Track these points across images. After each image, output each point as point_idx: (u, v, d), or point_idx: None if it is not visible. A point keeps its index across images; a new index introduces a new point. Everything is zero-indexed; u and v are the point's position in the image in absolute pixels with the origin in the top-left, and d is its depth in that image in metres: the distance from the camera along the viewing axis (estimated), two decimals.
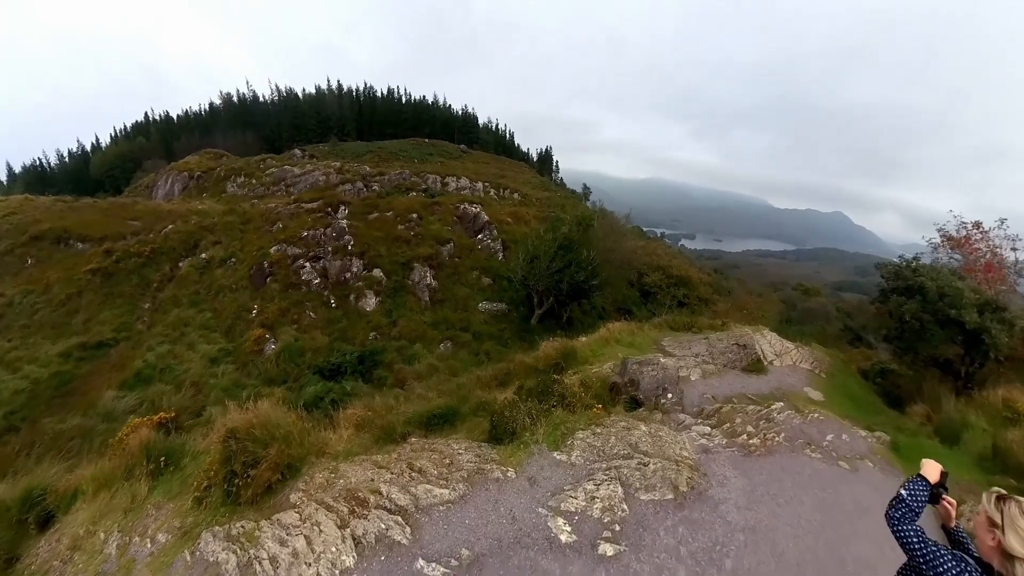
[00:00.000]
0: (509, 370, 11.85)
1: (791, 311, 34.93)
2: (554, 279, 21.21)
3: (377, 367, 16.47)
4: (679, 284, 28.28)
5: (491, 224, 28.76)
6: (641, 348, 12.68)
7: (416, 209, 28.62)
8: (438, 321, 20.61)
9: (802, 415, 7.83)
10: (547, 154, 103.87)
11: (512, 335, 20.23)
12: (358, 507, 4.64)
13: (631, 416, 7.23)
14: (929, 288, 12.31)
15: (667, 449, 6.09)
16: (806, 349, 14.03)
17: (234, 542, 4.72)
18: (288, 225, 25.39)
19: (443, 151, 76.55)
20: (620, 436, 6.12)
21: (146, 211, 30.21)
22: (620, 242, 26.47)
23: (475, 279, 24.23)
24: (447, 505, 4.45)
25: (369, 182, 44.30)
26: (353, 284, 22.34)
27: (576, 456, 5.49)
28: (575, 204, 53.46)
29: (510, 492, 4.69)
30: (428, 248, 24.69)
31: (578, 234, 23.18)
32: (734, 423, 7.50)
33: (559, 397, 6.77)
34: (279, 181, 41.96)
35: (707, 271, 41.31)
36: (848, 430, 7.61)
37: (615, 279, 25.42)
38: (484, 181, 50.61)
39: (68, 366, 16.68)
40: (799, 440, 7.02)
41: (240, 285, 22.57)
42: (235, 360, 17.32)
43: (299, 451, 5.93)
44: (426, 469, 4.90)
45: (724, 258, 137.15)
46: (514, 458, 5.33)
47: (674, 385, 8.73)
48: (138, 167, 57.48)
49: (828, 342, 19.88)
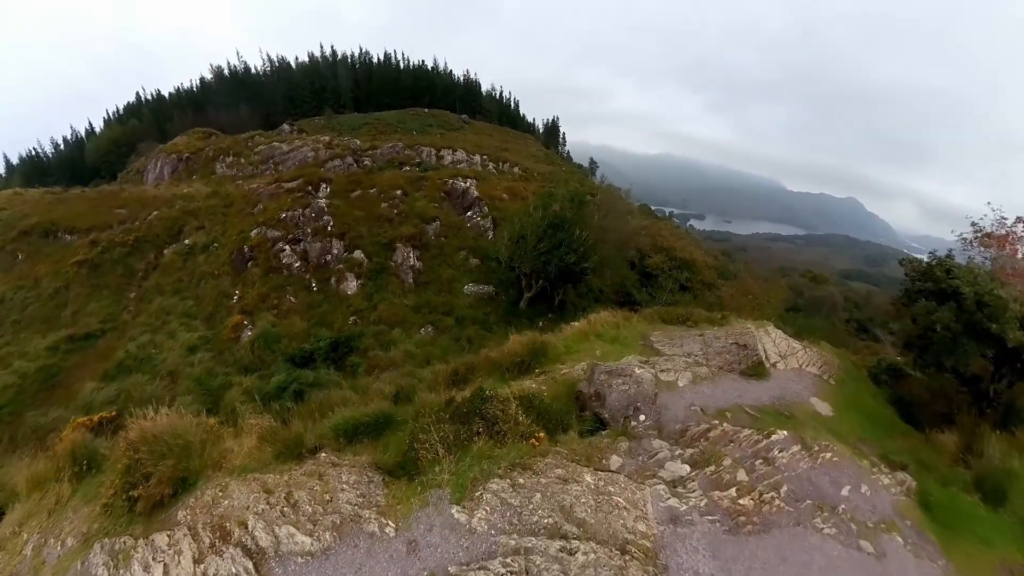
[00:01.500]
0: (473, 365, 11.61)
1: (798, 298, 34.65)
2: (540, 261, 20.44)
3: (351, 353, 16.66)
4: (682, 267, 27.55)
5: (481, 200, 28.16)
6: (625, 344, 11.93)
7: (401, 185, 28.19)
8: (420, 305, 20.61)
9: (810, 453, 6.57)
10: (554, 125, 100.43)
11: (498, 320, 20.12)
12: (220, 540, 4.67)
13: (576, 459, 5.84)
14: (966, 295, 10.67)
15: (614, 520, 4.72)
16: (814, 350, 12.75)
17: (113, 558, 4.88)
18: (268, 207, 25.40)
19: (443, 122, 74.70)
20: (551, 493, 4.81)
21: (132, 198, 30.57)
22: (618, 221, 25.43)
23: (462, 260, 23.97)
24: (306, 558, 4.16)
25: (360, 157, 43.76)
26: (334, 267, 22.41)
27: (480, 519, 4.36)
28: (580, 179, 52.04)
29: (381, 558, 4.04)
30: (412, 227, 24.43)
31: (571, 212, 22.31)
32: (720, 465, 6.15)
33: (487, 421, 5.85)
34: (268, 159, 41.79)
35: (714, 254, 40.60)
36: (867, 476, 6.47)
37: (614, 261, 24.65)
38: (483, 154, 49.39)
39: (55, 359, 17.39)
40: (807, 499, 5.68)
41: (222, 271, 22.89)
42: (213, 348, 17.75)
43: (197, 464, 6.00)
44: (301, 504, 4.77)
45: (733, 240, 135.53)
46: (403, 506, 4.62)
47: (649, 404, 7.55)
48: (132, 151, 57.90)
49: (837, 339, 19.00)
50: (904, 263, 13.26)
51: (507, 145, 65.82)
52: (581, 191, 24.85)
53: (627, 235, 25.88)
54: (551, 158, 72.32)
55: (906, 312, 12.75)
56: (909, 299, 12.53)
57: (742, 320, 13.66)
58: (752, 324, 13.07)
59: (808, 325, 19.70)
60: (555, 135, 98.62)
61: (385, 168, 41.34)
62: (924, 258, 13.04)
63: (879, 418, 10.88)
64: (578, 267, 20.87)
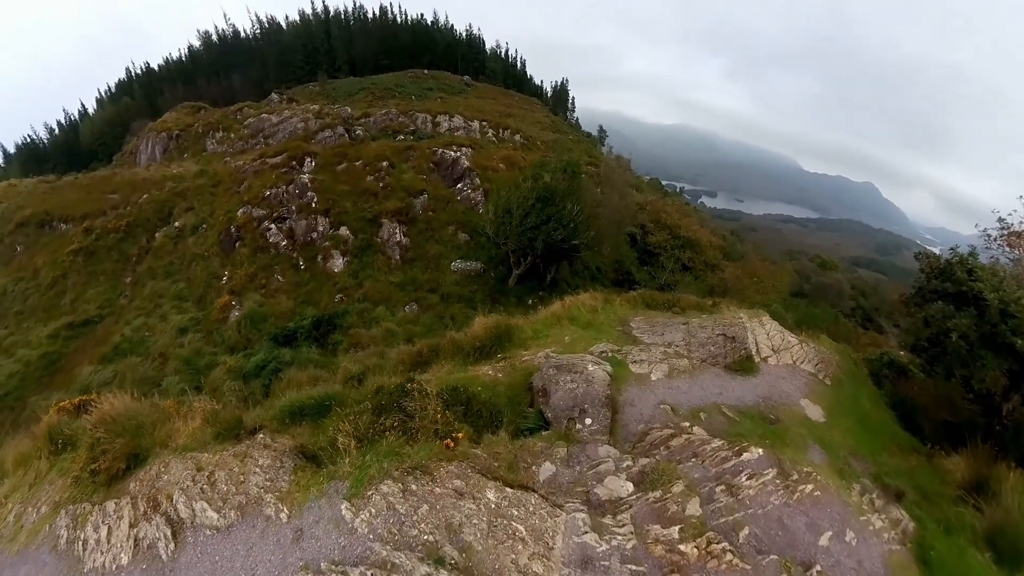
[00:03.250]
0: (438, 347, 11.94)
1: (804, 283, 34.70)
2: (527, 237, 19.87)
3: (334, 331, 17.39)
4: (686, 246, 27.16)
5: (473, 171, 27.94)
6: (601, 330, 11.62)
7: (388, 156, 28.21)
8: (406, 282, 21.11)
9: (787, 482, 5.74)
10: (562, 88, 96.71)
11: (484, 298, 20.36)
12: (151, 509, 5.34)
13: (490, 467, 5.38)
14: (990, 302, 9.83)
15: (505, 553, 4.12)
16: (811, 345, 12.12)
17: (73, 521, 5.68)
18: (253, 184, 25.89)
19: (444, 84, 72.99)
20: (440, 507, 4.46)
21: (124, 182, 31.53)
22: (617, 195, 24.84)
23: (450, 235, 24.17)
24: (213, 531, 4.70)
25: (352, 126, 43.49)
26: (320, 244, 22.98)
27: (363, 520, 4.34)
28: (588, 149, 50.64)
29: (270, 541, 4.39)
30: (398, 201, 24.63)
31: (563, 184, 21.62)
32: (670, 489, 5.37)
33: (405, 415, 5.86)
34: (257, 133, 42.00)
35: (722, 233, 40.16)
36: (854, 518, 5.65)
37: (613, 237, 24.15)
38: (483, 120, 48.31)
39: (56, 346, 18.72)
40: (772, 551, 4.83)
41: (211, 252, 23.76)
42: (202, 329, 18.77)
43: (148, 442, 6.73)
44: (218, 483, 5.35)
45: (744, 220, 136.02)
46: (302, 494, 4.86)
47: (599, 407, 7.00)
48: (127, 131, 58.84)
49: (840, 332, 18.41)
50: (920, 257, 12.45)
51: (511, 110, 64.21)
52: (574, 160, 23.99)
53: (625, 210, 25.34)
54: (558, 125, 70.35)
55: (917, 312, 11.92)
56: (922, 298, 11.72)
57: (734, 308, 13.20)
58: (745, 313, 12.70)
59: (810, 314, 19.34)
60: (563, 99, 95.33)
61: (379, 137, 41.13)
62: (943, 253, 12.14)
63: (877, 427, 10.22)
64: (567, 244, 20.26)
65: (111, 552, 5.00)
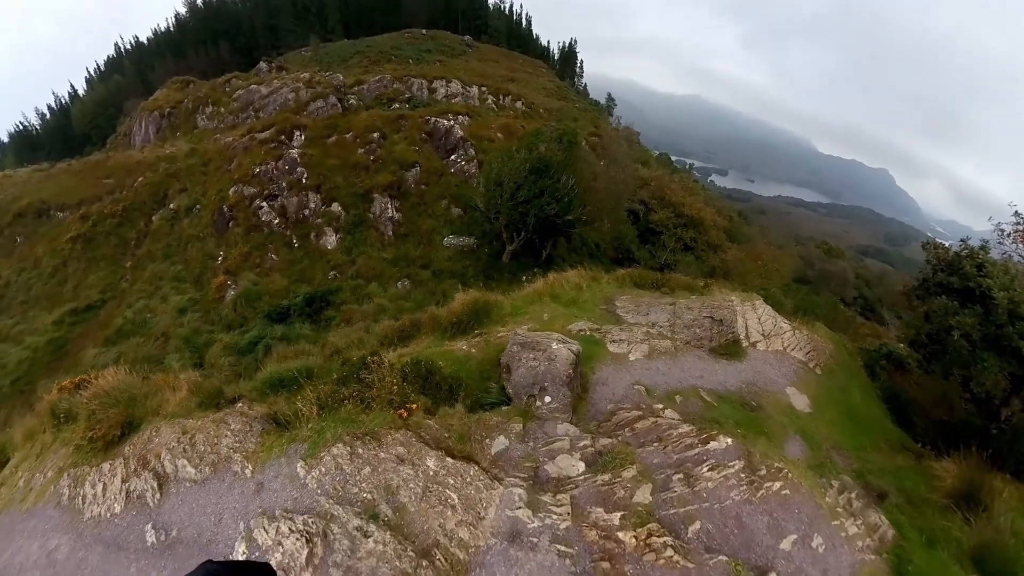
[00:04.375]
0: (419, 322, 12.69)
1: (808, 269, 35.70)
2: (518, 211, 19.84)
3: (327, 308, 18.36)
4: (688, 225, 27.12)
5: (467, 141, 28.08)
6: (583, 308, 11.84)
7: (378, 127, 28.52)
8: (398, 258, 21.85)
9: (753, 477, 5.61)
10: (570, 51, 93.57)
11: (477, 274, 20.94)
12: (140, 467, 6.27)
13: (440, 437, 5.78)
14: (998, 300, 9.60)
15: (435, 517, 4.60)
16: (804, 332, 12.05)
17: (74, 481, 6.68)
18: (243, 162, 26.64)
19: (443, 46, 71.65)
20: (382, 469, 5.01)
21: (118, 166, 32.67)
22: (617, 168, 24.65)
23: (443, 209, 24.65)
24: (191, 484, 5.56)
25: (345, 95, 43.58)
26: (312, 221, 23.78)
27: (314, 477, 5.02)
28: (594, 118, 49.70)
29: (236, 492, 5.22)
30: (389, 175, 25.12)
31: (560, 155, 21.46)
32: (621, 474, 5.38)
33: (363, 385, 6.49)
34: (247, 106, 42.49)
35: (729, 214, 40.51)
36: (825, 522, 5.48)
37: (613, 213, 24.10)
38: (482, 86, 47.52)
39: (61, 331, 20.20)
40: (722, 551, 4.74)
41: (206, 233, 24.84)
42: (200, 308, 19.98)
43: (141, 411, 7.71)
44: (198, 444, 6.26)
45: (753, 201, 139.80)
46: (266, 454, 5.54)
47: (559, 385, 7.19)
48: (119, 111, 59.94)
49: (838, 320, 18.43)
50: (928, 247, 12.32)
51: (515, 75, 62.93)
52: (571, 129, 23.76)
53: (624, 184, 25.17)
54: (564, 92, 68.58)
55: (919, 306, 11.80)
56: (926, 291, 11.59)
57: (726, 291, 13.17)
58: (737, 296, 12.64)
59: (809, 301, 19.53)
60: (571, 63, 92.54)
61: (373, 106, 41.20)
62: (952, 245, 11.90)
63: (866, 421, 10.15)
64: (560, 219, 20.14)
65: (106, 503, 5.96)
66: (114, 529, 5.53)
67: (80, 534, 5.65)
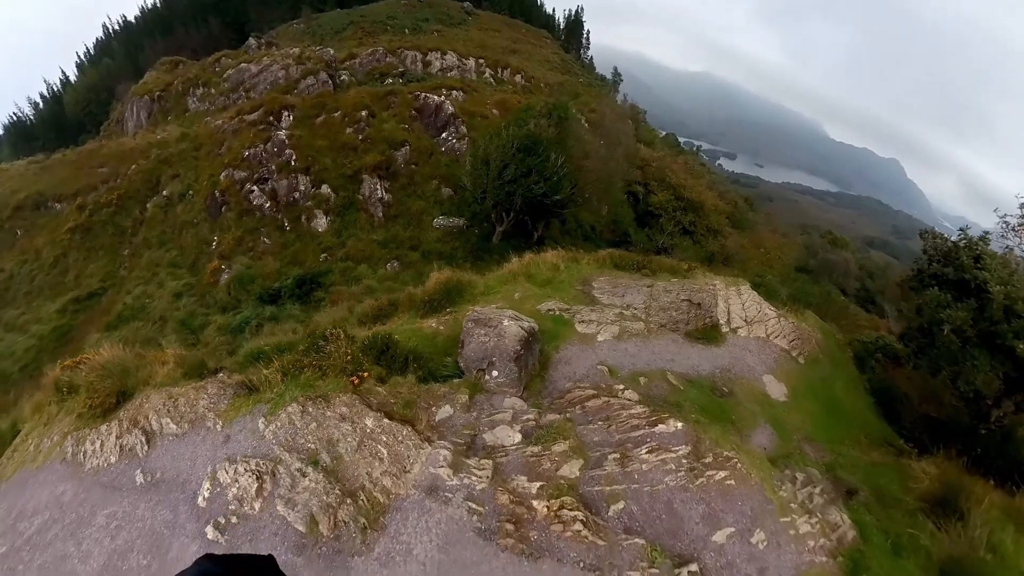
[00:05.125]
0: (396, 301, 13.83)
1: (811, 258, 37.10)
2: (504, 191, 20.08)
3: (318, 289, 19.65)
4: (688, 208, 27.52)
5: (458, 118, 28.71)
6: (558, 288, 12.29)
7: (367, 104, 29.33)
8: (388, 240, 22.96)
9: (696, 464, 5.82)
10: (576, 20, 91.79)
11: (466, 255, 21.66)
12: (131, 425, 7.57)
13: (385, 402, 6.71)
14: (994, 295, 9.41)
15: (364, 466, 5.52)
16: (790, 320, 12.09)
17: (76, 442, 8.02)
18: (232, 145, 27.84)
19: (441, 14, 71.25)
20: (326, 425, 6.06)
21: (111, 154, 34.21)
22: (605, 146, 24.74)
23: (433, 190, 25.53)
24: (172, 437, 6.86)
25: (336, 71, 44.32)
26: (303, 204, 24.98)
27: (271, 430, 6.19)
28: (599, 94, 49.52)
29: (208, 443, 6.46)
30: (378, 155, 26.05)
31: (550, 131, 21.56)
32: (550, 446, 5.95)
33: (320, 355, 7.50)
34: (237, 86, 43.57)
35: (732, 199, 41.36)
36: (772, 518, 5.53)
37: (604, 193, 24.35)
38: (479, 58, 47.49)
39: (65, 319, 21.95)
40: (640, 535, 5.04)
41: (199, 218, 26.27)
42: (196, 292, 21.50)
43: (134, 381, 9.01)
44: (179, 406, 7.53)
45: (761, 187, 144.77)
46: (234, 413, 6.74)
47: (506, 361, 7.73)
48: (112, 96, 61.62)
49: (832, 309, 18.75)
50: (926, 236, 12.22)
51: (516, 46, 62.55)
52: (563, 103, 23.88)
53: (616, 163, 25.24)
54: (568, 65, 68.02)
55: (913, 298, 11.78)
56: (920, 282, 11.51)
57: (710, 275, 13.46)
58: (721, 281, 12.87)
59: (803, 289, 20.08)
60: (577, 33, 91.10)
61: (365, 82, 41.89)
62: (951, 235, 11.74)
63: (847, 414, 10.17)
64: (549, 199, 20.28)
65: (103, 456, 7.26)
66: (110, 475, 6.82)
67: (82, 481, 6.96)
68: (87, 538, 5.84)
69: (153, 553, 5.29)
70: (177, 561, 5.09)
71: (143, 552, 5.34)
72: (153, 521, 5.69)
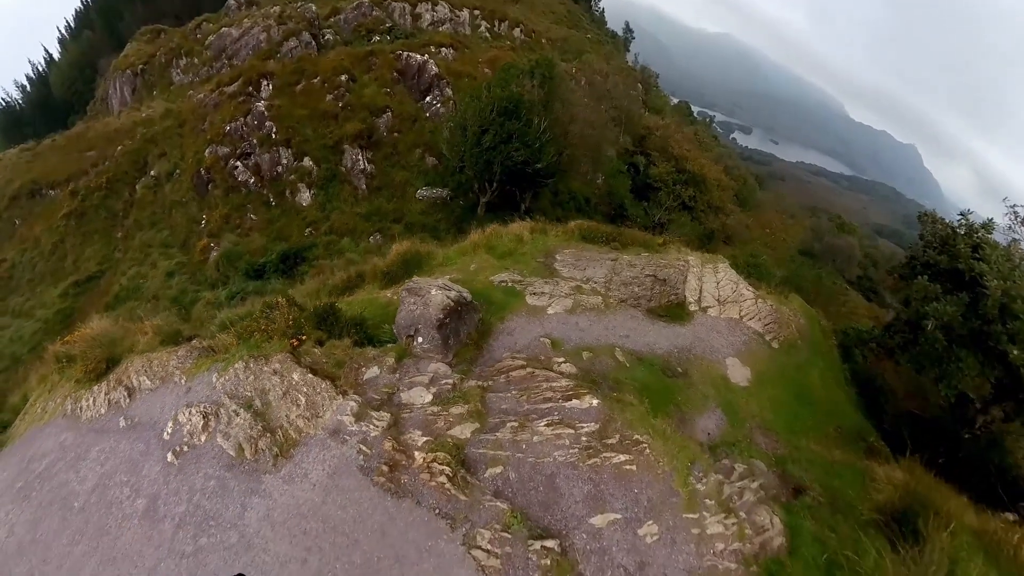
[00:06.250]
0: (363, 272, 15.60)
1: (816, 242, 39.16)
2: (483, 159, 20.26)
3: (302, 263, 21.63)
4: (689, 183, 27.92)
5: (443, 80, 29.54)
6: (518, 260, 12.87)
7: (346, 68, 30.55)
8: (371, 212, 24.65)
9: (596, 444, 6.13)
10: None
11: (449, 227, 22.94)
12: (116, 384, 9.62)
13: (318, 360, 8.23)
14: (990, 290, 8.84)
15: (285, 410, 7.31)
16: (769, 303, 11.97)
17: (74, 401, 10.17)
18: (214, 120, 29.68)
19: None
20: (261, 377, 7.84)
21: (98, 136, 36.62)
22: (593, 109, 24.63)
23: (417, 159, 26.86)
24: (148, 391, 9.03)
25: (320, 30, 45.27)
26: (286, 178, 26.81)
27: (220, 383, 7.97)
28: (608, 53, 48.89)
29: (174, 393, 8.35)
30: (359, 123, 27.46)
31: (536, 93, 21.43)
32: (449, 408, 7.12)
33: (267, 321, 9.14)
34: (220, 53, 45.08)
35: (741, 176, 42.60)
36: (672, 512, 5.59)
37: (598, 164, 24.65)
38: (475, 9, 46.70)
39: (67, 303, 24.67)
40: (508, 501, 5.74)
41: (187, 197, 28.50)
42: (187, 271, 23.86)
43: (120, 349, 11.13)
44: (155, 367, 9.56)
45: (774, 165, 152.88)
46: (196, 370, 8.54)
47: (430, 328, 8.66)
48: (96, 72, 64.02)
49: (822, 295, 19.19)
50: (924, 219, 11.86)
51: None
52: (548, 59, 23.75)
53: (604, 128, 25.05)
54: (575, 17, 66.27)
55: (904, 287, 11.65)
56: (911, 270, 11.22)
57: (685, 250, 13.75)
58: (696, 257, 13.03)
59: (797, 273, 20.95)
60: None
61: (351, 41, 42.78)
62: (951, 220, 11.37)
63: (819, 404, 9.98)
64: (531, 168, 20.28)
65: (96, 409, 9.36)
66: (100, 423, 8.91)
67: (79, 429, 9.08)
68: (83, 467, 7.93)
69: (130, 473, 7.32)
70: (147, 478, 7.10)
71: (123, 472, 7.38)
72: (131, 452, 7.72)
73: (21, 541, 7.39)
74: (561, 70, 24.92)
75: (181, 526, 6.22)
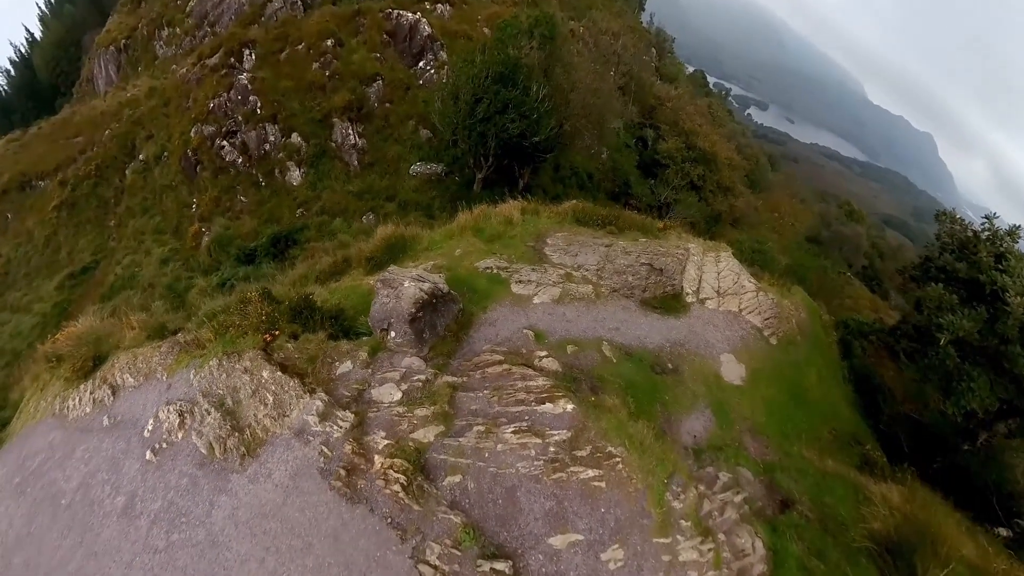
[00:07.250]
0: (349, 257, 16.06)
1: (824, 229, 40.28)
2: (477, 131, 19.76)
3: (294, 246, 22.28)
4: (699, 160, 27.55)
5: (437, 41, 29.13)
6: (507, 245, 12.87)
7: (332, 31, 30.49)
8: (364, 191, 25.03)
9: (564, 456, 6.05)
10: None
11: (444, 204, 22.95)
12: (102, 381, 10.45)
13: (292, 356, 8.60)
14: (1012, 307, 8.71)
15: (253, 408, 7.66)
16: (770, 296, 11.93)
17: (63, 399, 11.08)
18: (198, 97, 30.15)
19: None
20: (232, 375, 8.38)
21: (84, 121, 37.63)
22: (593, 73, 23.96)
23: (411, 132, 26.90)
24: (131, 388, 9.81)
25: None
26: (274, 156, 27.31)
27: (196, 380, 8.61)
28: (621, 9, 47.49)
29: (156, 390, 9.16)
30: (348, 93, 27.55)
31: (535, 55, 20.58)
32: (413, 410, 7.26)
33: (241, 316, 9.67)
34: (202, 21, 45.26)
35: (753, 156, 43.18)
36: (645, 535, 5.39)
37: (603, 137, 24.11)
38: None
39: (64, 295, 25.96)
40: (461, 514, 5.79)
41: (177, 181, 29.32)
42: (181, 257, 24.82)
43: (107, 346, 11.94)
44: (138, 363, 10.31)
45: (788, 145, 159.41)
46: (177, 366, 9.28)
47: (402, 322, 8.77)
48: (80, 50, 64.95)
49: (825, 286, 19.07)
50: (942, 218, 11.76)
51: None
52: (549, 16, 22.69)
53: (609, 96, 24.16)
54: None
55: (915, 290, 11.54)
56: (925, 272, 11.19)
57: (687, 237, 13.62)
58: (697, 245, 12.96)
59: (802, 263, 20.81)
60: None
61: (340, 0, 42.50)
62: (972, 222, 11.19)
63: (814, 405, 10.02)
64: (528, 141, 19.71)
65: (82, 408, 10.19)
66: (86, 421, 9.73)
67: (67, 428, 9.93)
68: (69, 466, 8.76)
69: (111, 471, 8.11)
70: (127, 476, 7.83)
71: (105, 471, 8.17)
72: (113, 450, 8.49)
73: (19, 534, 8.33)
74: (564, 30, 24.12)
75: (155, 523, 6.96)
